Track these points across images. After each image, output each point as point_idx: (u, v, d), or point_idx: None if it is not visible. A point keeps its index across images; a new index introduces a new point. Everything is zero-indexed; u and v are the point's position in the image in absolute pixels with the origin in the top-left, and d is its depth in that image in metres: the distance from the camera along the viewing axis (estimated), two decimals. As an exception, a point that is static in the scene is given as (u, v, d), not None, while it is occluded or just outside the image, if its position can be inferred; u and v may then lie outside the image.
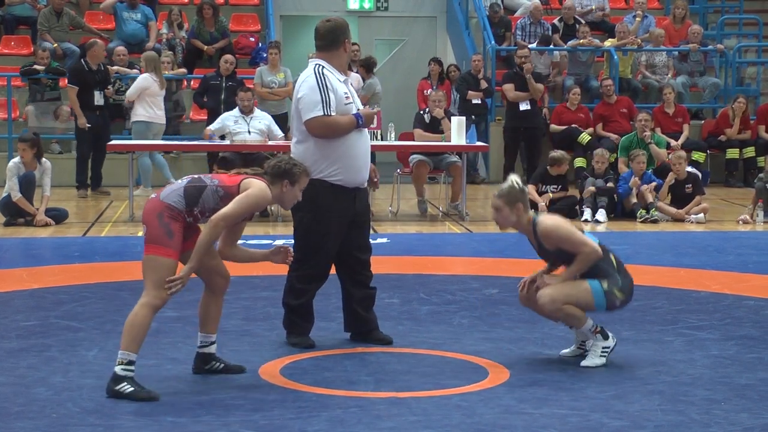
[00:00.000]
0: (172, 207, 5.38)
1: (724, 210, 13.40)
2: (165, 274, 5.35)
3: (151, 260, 5.37)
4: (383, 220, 12.42)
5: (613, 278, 6.05)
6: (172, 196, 5.41)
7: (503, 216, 6.06)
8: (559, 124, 15.63)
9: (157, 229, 5.36)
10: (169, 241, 5.35)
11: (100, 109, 14.31)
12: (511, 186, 6.05)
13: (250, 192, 5.39)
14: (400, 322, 7.13)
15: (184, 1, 18.63)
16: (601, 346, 6.05)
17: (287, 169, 5.55)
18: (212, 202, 5.39)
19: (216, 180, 5.46)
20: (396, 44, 20.12)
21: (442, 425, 4.98)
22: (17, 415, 5.08)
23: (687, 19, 17.87)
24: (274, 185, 5.51)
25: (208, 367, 5.77)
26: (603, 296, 6.01)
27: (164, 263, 5.35)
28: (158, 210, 5.38)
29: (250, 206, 5.42)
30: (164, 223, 5.36)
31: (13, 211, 11.63)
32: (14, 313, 7.39)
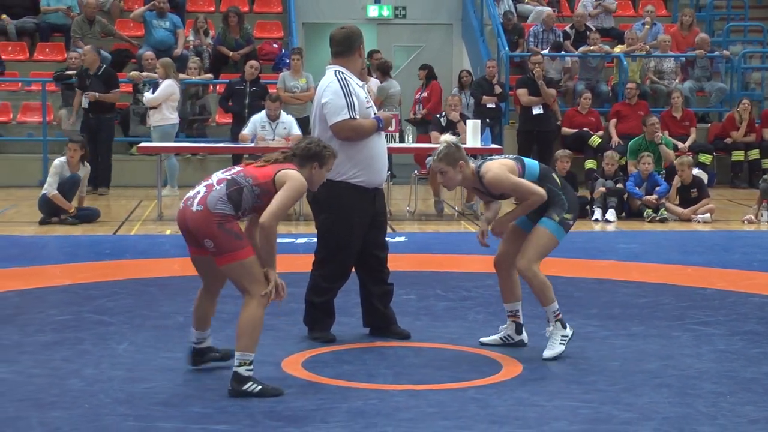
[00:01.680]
0: (225, 214, 5.27)
1: (730, 210, 13.36)
2: (257, 270, 5.29)
3: (238, 267, 5.28)
4: (401, 220, 12.42)
5: (559, 203, 6.03)
6: (220, 205, 5.27)
7: (449, 177, 5.99)
8: (570, 127, 15.62)
9: (225, 238, 5.25)
10: (240, 242, 5.27)
11: (92, 112, 14.35)
12: (447, 146, 5.96)
13: (289, 185, 5.30)
14: (417, 318, 7.13)
15: (211, 9, 18.67)
16: (560, 335, 6.02)
17: (317, 152, 5.48)
18: (251, 201, 5.32)
19: (249, 178, 5.34)
20: (413, 50, 20.11)
21: (457, 417, 4.98)
22: (52, 405, 5.10)
23: (694, 27, 17.82)
24: (303, 168, 5.43)
25: (205, 359, 5.78)
26: (560, 228, 6.03)
27: (250, 262, 5.29)
28: (215, 221, 5.25)
29: (293, 199, 5.35)
30: (227, 229, 5.26)
31: (51, 208, 11.68)
32: (49, 308, 7.42)
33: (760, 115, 16.58)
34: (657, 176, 12.78)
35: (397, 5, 19.99)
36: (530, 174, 6.04)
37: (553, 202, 6.03)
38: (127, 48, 17.32)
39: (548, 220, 6.01)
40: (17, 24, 17.47)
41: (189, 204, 5.35)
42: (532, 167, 6.08)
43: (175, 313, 7.21)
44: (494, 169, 5.97)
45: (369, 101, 6.55)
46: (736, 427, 4.87)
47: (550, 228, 6.00)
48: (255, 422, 4.87)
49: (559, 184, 6.10)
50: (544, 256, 6.05)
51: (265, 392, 5.22)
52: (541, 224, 6.01)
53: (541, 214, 6.02)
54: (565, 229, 6.06)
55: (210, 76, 16.25)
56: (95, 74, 14.40)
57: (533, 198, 5.94)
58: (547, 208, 6.02)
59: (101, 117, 14.35)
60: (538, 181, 6.03)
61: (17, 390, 5.34)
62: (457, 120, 13.05)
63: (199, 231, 5.29)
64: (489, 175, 5.95)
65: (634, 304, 7.66)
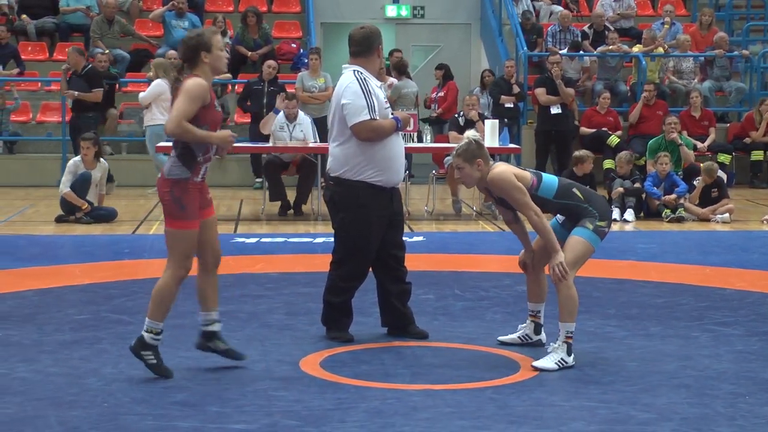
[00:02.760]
0: (178, 180, 5.49)
1: (749, 210, 13.30)
2: (188, 246, 5.52)
3: (170, 234, 5.53)
4: (419, 219, 12.42)
5: (589, 214, 5.94)
6: (174, 171, 5.51)
7: (466, 173, 5.93)
8: (588, 127, 15.59)
9: (171, 206, 5.51)
10: (182, 213, 5.48)
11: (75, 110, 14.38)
12: (468, 143, 5.91)
13: (183, 89, 5.44)
14: (435, 318, 7.12)
15: (230, 9, 18.71)
16: (560, 358, 5.82)
17: (196, 43, 5.53)
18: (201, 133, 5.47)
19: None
20: (432, 50, 20.11)
21: (475, 416, 4.97)
22: (71, 404, 5.12)
23: (713, 26, 17.76)
24: (198, 66, 5.50)
25: (210, 345, 5.78)
26: (595, 236, 5.93)
27: (185, 235, 5.50)
28: (168, 188, 5.51)
29: (191, 100, 5.43)
30: (176, 198, 5.48)
31: (69, 207, 11.74)
32: (68, 307, 7.44)
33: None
34: (675, 176, 12.74)
35: (415, 5, 19.99)
36: (546, 190, 5.94)
37: (583, 215, 5.95)
38: (146, 48, 17.37)
39: (582, 228, 5.93)
40: (37, 24, 17.55)
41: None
42: (550, 184, 5.96)
43: (192, 313, 7.18)
44: (500, 168, 5.92)
45: (387, 102, 6.56)
46: (754, 428, 4.85)
47: (585, 236, 5.91)
48: (273, 422, 4.88)
49: (583, 198, 5.99)
50: (581, 264, 5.95)
51: (156, 369, 5.49)
52: (575, 233, 5.93)
53: (574, 225, 5.96)
54: (600, 237, 5.96)
55: (228, 75, 16.25)
56: (79, 74, 14.42)
57: (531, 216, 5.82)
58: (579, 219, 5.96)
59: (83, 116, 14.37)
60: (554, 199, 5.96)
61: (36, 389, 5.37)
62: (475, 119, 13.04)
63: (159, 194, 5.58)
64: (493, 172, 5.89)
65: (653, 305, 7.63)
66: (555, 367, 5.79)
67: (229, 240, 10.56)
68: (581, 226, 5.94)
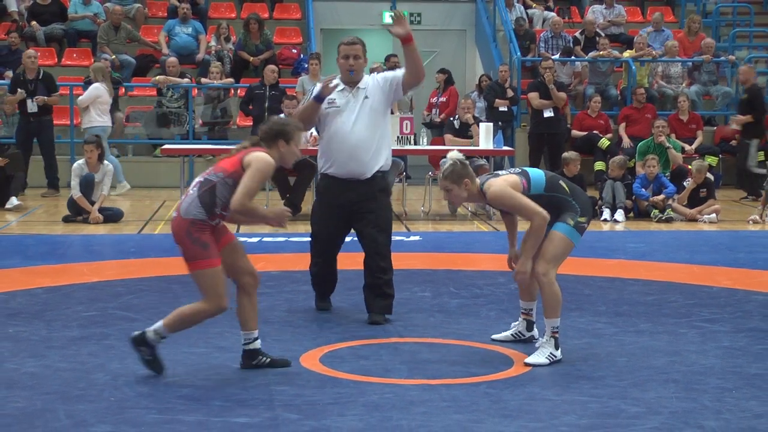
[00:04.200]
0: (195, 221, 5.34)
1: (735, 211, 13.31)
2: (217, 282, 5.37)
3: (199, 275, 5.38)
4: (416, 220, 12.42)
5: (571, 208, 5.92)
6: (192, 210, 5.35)
7: (454, 195, 5.90)
8: (580, 129, 15.61)
9: (191, 247, 5.34)
10: (205, 252, 5.34)
11: (33, 114, 14.25)
12: (453, 165, 5.87)
13: (254, 166, 5.31)
14: (431, 315, 7.12)
15: (232, 15, 18.72)
16: (549, 352, 5.83)
17: (279, 129, 5.48)
18: (227, 193, 5.34)
19: (219, 173, 5.38)
20: (428, 56, 20.09)
21: (470, 410, 4.97)
22: (78, 398, 5.12)
23: (700, 32, 17.78)
24: (272, 148, 5.44)
25: (255, 362, 5.66)
26: (575, 232, 5.91)
27: (211, 273, 5.36)
28: (184, 228, 5.35)
29: (259, 179, 5.33)
30: (194, 238, 5.33)
31: (76, 209, 11.75)
32: (76, 304, 7.44)
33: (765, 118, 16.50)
34: (663, 178, 12.76)
35: (412, 11, 19.98)
36: (536, 187, 5.91)
37: (565, 208, 5.93)
38: (152, 53, 17.37)
39: (563, 224, 5.90)
40: (46, 30, 17.54)
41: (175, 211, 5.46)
42: (538, 180, 5.93)
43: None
44: (495, 186, 5.83)
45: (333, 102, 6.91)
46: (740, 421, 4.85)
47: (565, 232, 5.89)
48: (274, 415, 4.87)
49: (568, 190, 5.97)
50: (562, 259, 5.95)
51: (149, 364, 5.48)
52: (556, 229, 5.90)
53: (554, 219, 5.94)
54: (580, 233, 5.94)
55: (231, 80, 16.29)
56: (37, 79, 14.36)
57: (536, 220, 5.76)
58: (560, 213, 5.95)
59: (42, 119, 14.34)
60: (545, 192, 5.93)
61: (45, 383, 5.36)
62: (470, 122, 13.03)
63: (174, 237, 5.41)
64: (491, 191, 5.81)
65: (642, 302, 7.64)
66: (546, 361, 5.80)
67: (232, 239, 10.57)
68: (562, 221, 5.91)
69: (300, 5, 19.01)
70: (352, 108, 6.90)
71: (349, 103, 6.91)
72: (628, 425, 4.77)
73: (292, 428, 4.71)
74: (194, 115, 15.94)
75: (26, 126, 14.29)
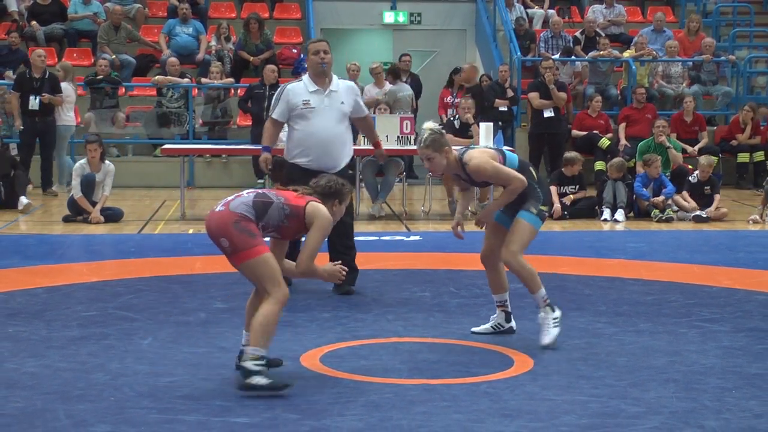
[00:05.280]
0: (244, 215, 5.23)
1: (735, 210, 13.31)
2: (272, 268, 5.24)
3: (252, 264, 5.22)
4: (416, 219, 12.42)
5: (535, 195, 6.09)
6: (242, 207, 5.25)
7: (436, 163, 6.03)
8: (580, 129, 15.61)
9: (239, 236, 5.19)
10: (254, 240, 5.21)
11: (37, 114, 14.26)
12: (432, 133, 5.98)
13: (318, 225, 5.29)
14: (431, 314, 7.12)
15: (232, 15, 18.72)
16: (552, 318, 6.09)
17: (338, 190, 5.47)
18: (277, 218, 5.28)
19: (281, 197, 5.33)
20: (428, 55, 20.12)
21: (470, 410, 4.97)
22: (78, 398, 5.12)
23: (700, 32, 17.78)
24: (326, 204, 5.42)
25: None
26: (537, 219, 6.11)
27: (264, 259, 5.22)
28: (232, 219, 5.21)
29: (323, 238, 5.36)
30: (241, 227, 5.20)
31: (77, 208, 11.75)
32: (75, 304, 7.44)
33: (765, 117, 16.52)
34: (663, 177, 12.77)
35: (412, 11, 19.99)
36: (510, 165, 6.10)
37: (529, 195, 6.09)
38: (152, 53, 17.38)
39: (526, 212, 6.08)
40: (46, 30, 17.54)
41: (213, 209, 5.36)
42: (512, 159, 6.14)
43: (197, 310, 7.23)
44: (477, 156, 6.01)
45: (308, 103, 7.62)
46: (740, 421, 4.85)
47: (530, 220, 6.08)
48: (274, 415, 4.87)
49: (536, 178, 6.16)
50: (526, 246, 6.15)
51: (272, 386, 5.15)
52: (520, 217, 6.09)
53: (518, 208, 6.09)
54: (542, 220, 6.16)
55: (231, 80, 16.29)
56: (43, 78, 14.36)
57: (515, 183, 5.98)
58: (524, 201, 6.10)
59: (46, 119, 14.36)
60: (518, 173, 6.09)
61: (45, 383, 5.36)
62: (470, 122, 13.03)
63: (218, 231, 5.24)
64: (473, 162, 5.99)
65: (642, 302, 7.64)
66: (556, 330, 6.05)
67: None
68: (525, 209, 6.08)
69: (300, 5, 19.01)
70: (327, 108, 7.65)
71: (323, 103, 7.65)
72: (628, 425, 4.77)
73: (292, 428, 4.71)
74: (194, 115, 15.94)
75: (32, 126, 14.29)
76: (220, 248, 5.31)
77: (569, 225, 12.04)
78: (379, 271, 8.74)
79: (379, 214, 12.57)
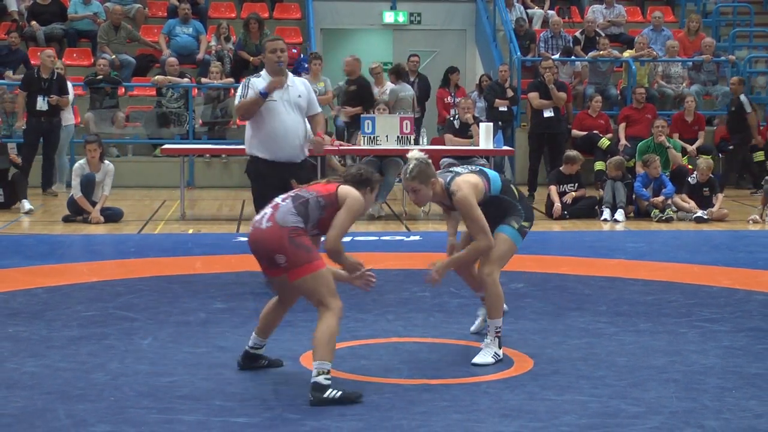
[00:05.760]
0: (296, 227, 5.21)
1: (735, 210, 13.30)
2: (330, 282, 5.24)
3: (311, 279, 5.21)
4: (416, 219, 12.42)
5: (517, 212, 6.00)
6: (290, 219, 5.22)
7: (422, 195, 5.88)
8: (580, 129, 15.61)
9: (296, 252, 5.18)
10: (311, 254, 5.20)
11: (44, 114, 14.23)
12: (418, 163, 5.83)
13: (349, 204, 5.28)
14: (431, 314, 7.13)
15: (232, 15, 18.71)
16: (494, 352, 5.87)
17: (368, 177, 5.46)
18: (317, 213, 5.27)
19: (313, 191, 5.33)
20: (428, 55, 20.11)
21: (470, 410, 4.97)
22: (78, 397, 5.12)
23: (700, 32, 17.78)
24: (360, 187, 5.42)
25: (255, 365, 5.66)
26: (518, 235, 6.00)
27: (323, 274, 5.22)
28: (285, 236, 5.19)
29: (352, 219, 5.34)
30: (298, 243, 5.18)
31: (76, 208, 11.75)
32: (75, 304, 7.44)
33: (765, 118, 16.52)
34: (663, 177, 12.77)
35: (412, 11, 19.99)
36: (494, 188, 5.97)
37: (510, 212, 6.00)
38: (152, 53, 17.37)
39: (508, 227, 5.97)
40: (46, 30, 17.53)
41: (258, 225, 5.29)
42: (496, 182, 5.99)
43: (197, 310, 7.23)
44: (465, 190, 5.82)
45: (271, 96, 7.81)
46: (740, 421, 4.85)
47: (511, 235, 5.97)
48: (274, 415, 4.88)
49: (517, 195, 6.07)
50: (505, 262, 6.03)
51: (346, 398, 5.08)
52: (501, 231, 5.96)
53: (499, 222, 5.98)
54: (522, 236, 6.03)
55: (231, 80, 16.27)
56: (51, 78, 14.35)
57: (483, 243, 5.81)
58: (506, 216, 5.99)
59: (53, 120, 14.34)
60: (500, 194, 5.98)
61: (45, 383, 5.36)
62: (470, 122, 13.03)
63: (272, 247, 5.21)
64: (459, 195, 5.81)
65: (642, 302, 7.64)
66: (492, 360, 5.84)
67: (231, 239, 10.57)
68: (507, 224, 5.98)
69: (300, 5, 19.01)
70: (286, 103, 7.95)
71: (283, 98, 7.93)
72: (628, 425, 4.77)
73: (292, 428, 4.71)
74: (194, 115, 15.94)
75: (37, 125, 14.29)
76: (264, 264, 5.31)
77: (569, 225, 12.04)
78: (379, 271, 8.70)
79: (378, 214, 12.58)
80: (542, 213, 12.72)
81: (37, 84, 14.24)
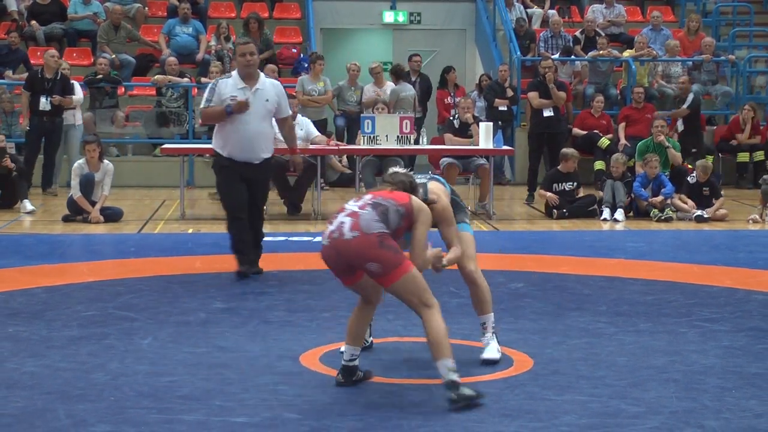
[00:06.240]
0: (383, 233, 5.16)
1: (735, 210, 13.30)
2: (422, 280, 5.21)
3: (409, 279, 5.16)
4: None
5: (463, 209, 6.11)
6: (375, 226, 5.16)
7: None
8: (582, 129, 15.61)
9: (388, 256, 5.12)
10: (401, 255, 5.18)
11: (46, 114, 14.20)
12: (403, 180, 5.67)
13: (423, 221, 5.32)
14: (431, 314, 7.11)
15: (232, 15, 18.71)
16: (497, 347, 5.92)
17: (414, 183, 5.50)
18: (396, 221, 5.23)
19: (390, 199, 5.27)
20: (428, 55, 20.10)
21: (470, 410, 4.97)
22: (78, 397, 5.12)
23: (700, 32, 17.78)
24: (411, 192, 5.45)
25: (355, 378, 5.45)
26: (471, 227, 6.13)
27: (415, 274, 5.19)
28: (377, 242, 5.12)
29: (429, 226, 5.41)
30: (388, 246, 5.14)
31: (76, 208, 11.75)
32: (75, 303, 7.44)
33: (765, 117, 16.52)
34: (663, 177, 12.77)
35: (412, 11, 19.98)
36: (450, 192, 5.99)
37: (459, 210, 6.03)
38: (151, 53, 17.37)
39: (465, 224, 6.03)
40: (46, 30, 17.53)
41: (337, 236, 5.18)
42: (448, 186, 6.03)
43: (197, 310, 7.23)
44: (444, 199, 5.77)
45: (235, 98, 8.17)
46: (740, 421, 4.85)
47: (470, 230, 6.07)
48: (274, 415, 4.87)
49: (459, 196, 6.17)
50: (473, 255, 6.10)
51: (477, 395, 5.04)
52: (464, 229, 6.01)
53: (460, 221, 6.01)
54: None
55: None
56: (55, 79, 14.34)
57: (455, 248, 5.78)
58: (457, 214, 5.97)
59: (55, 120, 14.33)
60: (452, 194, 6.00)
61: (45, 383, 5.36)
62: (470, 122, 13.04)
63: (363, 256, 5.13)
64: (440, 204, 5.73)
65: (642, 302, 7.64)
66: (499, 355, 5.90)
67: (232, 239, 10.56)
68: (462, 221, 6.02)
69: (300, 5, 19.01)
70: (252, 105, 8.21)
71: (249, 100, 8.20)
72: (628, 425, 4.77)
73: (292, 428, 4.71)
74: (194, 115, 15.93)
75: (40, 125, 14.28)
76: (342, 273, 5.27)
77: (569, 225, 12.04)
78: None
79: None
80: (542, 213, 12.72)
81: (41, 84, 14.23)
